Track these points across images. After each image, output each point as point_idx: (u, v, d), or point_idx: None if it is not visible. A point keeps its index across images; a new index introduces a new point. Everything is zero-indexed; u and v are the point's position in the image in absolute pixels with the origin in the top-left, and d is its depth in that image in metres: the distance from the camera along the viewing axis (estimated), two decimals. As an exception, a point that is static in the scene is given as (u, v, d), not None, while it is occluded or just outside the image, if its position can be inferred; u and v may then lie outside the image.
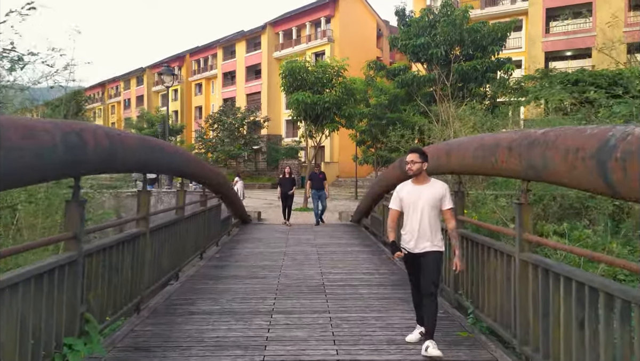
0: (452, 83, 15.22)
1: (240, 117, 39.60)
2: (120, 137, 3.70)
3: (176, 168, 5.68)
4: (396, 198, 4.08)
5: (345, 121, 18.81)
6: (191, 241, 6.93)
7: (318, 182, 12.94)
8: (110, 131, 3.63)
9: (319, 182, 12.95)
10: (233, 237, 10.66)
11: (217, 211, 9.05)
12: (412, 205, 3.90)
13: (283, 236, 10.87)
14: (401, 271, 6.87)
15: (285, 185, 12.89)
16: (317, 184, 12.91)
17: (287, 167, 13.23)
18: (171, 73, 14.32)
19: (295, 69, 17.32)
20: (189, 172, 6.34)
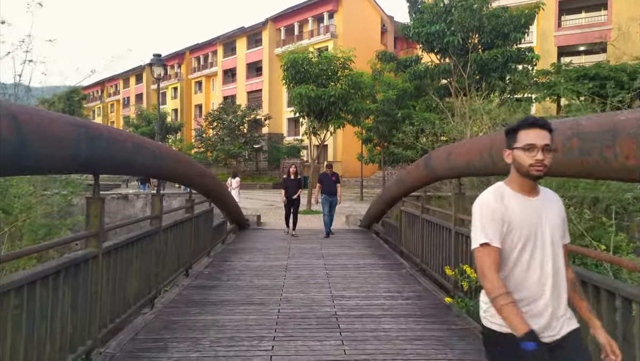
0: (469, 75, 13.95)
1: (241, 115, 38.33)
2: (41, 121, 2.44)
3: (145, 167, 4.40)
4: (496, 218, 1.86)
5: (351, 117, 17.51)
6: (172, 257, 5.67)
7: (330, 185, 10.61)
8: (24, 112, 2.35)
9: (332, 185, 10.60)
10: (228, 245, 9.39)
11: (207, 217, 7.78)
12: (532, 235, 1.87)
13: (285, 244, 9.60)
14: (428, 293, 5.60)
15: (290, 187, 10.77)
16: (329, 187, 10.61)
17: (293, 166, 11.04)
18: (161, 64, 13.08)
19: (297, 60, 16.04)
20: (166, 172, 5.06)
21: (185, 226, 6.28)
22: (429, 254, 6.31)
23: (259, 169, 42.49)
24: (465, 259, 4.83)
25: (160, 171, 4.66)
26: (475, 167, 4.25)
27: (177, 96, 61.33)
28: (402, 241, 8.06)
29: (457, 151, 4.62)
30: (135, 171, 4.58)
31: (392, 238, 9.18)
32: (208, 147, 39.57)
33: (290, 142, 41.95)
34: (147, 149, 4.09)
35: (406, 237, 7.78)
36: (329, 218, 10.77)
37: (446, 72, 14.20)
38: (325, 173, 10.78)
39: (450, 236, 5.30)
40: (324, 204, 10.72)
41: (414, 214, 7.12)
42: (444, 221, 5.73)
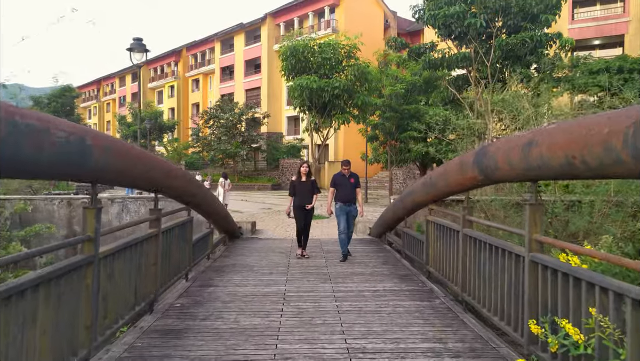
0: (492, 62, 12.34)
1: (238, 113, 36.70)
2: None
3: (79, 167, 2.77)
4: None
5: (357, 111, 15.90)
6: (120, 293, 4.03)
7: (348, 190, 7.95)
8: None
9: (350, 190, 7.96)
10: (214, 261, 7.75)
11: (184, 230, 6.14)
12: None
13: (283, 260, 7.96)
14: (483, 343, 3.96)
15: (301, 193, 8.02)
16: (347, 193, 7.94)
17: (305, 165, 8.25)
18: (142, 49, 11.46)
19: (298, 48, 14.42)
20: (108, 175, 3.43)
21: (146, 247, 4.64)
22: (477, 285, 4.67)
23: (258, 169, 40.90)
24: (554, 305, 3.20)
25: (89, 171, 3.01)
26: (588, 166, 2.62)
27: (174, 95, 59.76)
28: (431, 259, 6.42)
29: (547, 140, 2.98)
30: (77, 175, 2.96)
31: (413, 254, 7.53)
32: (204, 146, 37.95)
33: (289, 142, 40.37)
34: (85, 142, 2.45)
35: (437, 256, 6.14)
36: (346, 235, 7.93)
37: (466, 59, 12.60)
38: (341, 174, 8.01)
39: (520, 267, 3.67)
40: (339, 216, 7.94)
41: (450, 228, 5.49)
42: (507, 242, 4.09)
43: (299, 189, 8.04)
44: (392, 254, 8.61)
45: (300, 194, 8.04)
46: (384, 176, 37.16)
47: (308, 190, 8.06)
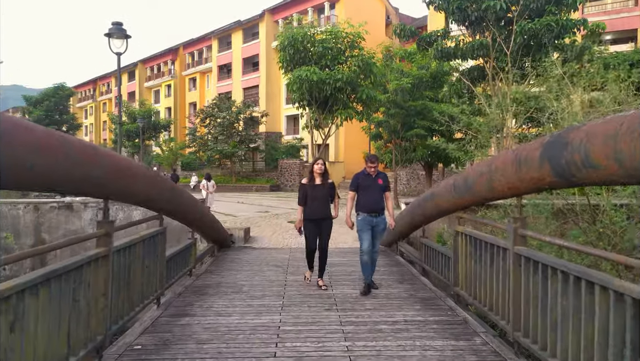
0: (512, 50, 11.12)
1: (236, 112, 35.44)
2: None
3: None
4: None
5: (361, 106, 14.68)
6: (40, 346, 2.79)
7: (375, 195, 5.81)
8: None
9: (377, 195, 5.83)
10: (197, 278, 6.51)
11: (153, 245, 4.89)
12: None
13: (279, 277, 6.72)
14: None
15: (316, 200, 5.96)
16: (373, 199, 5.80)
17: (319, 162, 6.10)
18: (123, 35, 10.21)
19: (296, 37, 13.19)
20: (30, 180, 2.21)
21: (88, 274, 3.39)
22: (540, 325, 3.42)
23: (256, 170, 39.66)
24: None
25: None
26: None
27: (171, 94, 58.56)
28: (461, 280, 5.18)
29: None
30: None
31: (436, 270, 6.29)
32: (200, 146, 36.70)
33: (289, 142, 39.13)
34: None
35: (470, 277, 4.90)
36: (369, 256, 5.78)
37: (483, 48, 11.39)
38: (365, 173, 5.83)
39: (627, 309, 2.44)
40: (362, 231, 5.77)
41: (494, 244, 4.25)
42: (602, 273, 2.85)
43: (312, 195, 5.92)
44: (407, 268, 7.37)
45: (313, 202, 5.91)
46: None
47: (324, 196, 5.94)
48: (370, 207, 5.77)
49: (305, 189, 6.00)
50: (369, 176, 5.85)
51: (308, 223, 5.97)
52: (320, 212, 5.94)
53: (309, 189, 5.97)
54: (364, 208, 5.77)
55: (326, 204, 5.98)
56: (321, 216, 5.95)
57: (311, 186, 5.98)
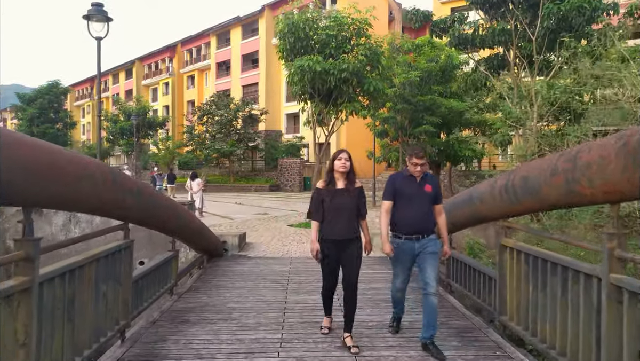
0: (537, 36, 9.98)
1: (234, 109, 34.29)
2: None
3: None
4: None
5: (368, 100, 13.55)
6: None
7: (421, 207, 3.94)
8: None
9: (425, 207, 3.96)
10: (179, 299, 5.38)
11: (111, 266, 3.74)
12: None
13: (279, 296, 5.57)
14: None
15: (337, 212, 3.95)
16: (418, 213, 3.93)
17: (343, 155, 4.01)
18: (103, 17, 9.08)
19: (297, 24, 12.06)
20: None
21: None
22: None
23: (255, 169, 38.53)
24: None
25: None
26: None
27: (169, 92, 57.43)
28: (511, 309, 4.04)
29: None
30: None
31: (471, 291, 5.14)
32: (197, 145, 35.54)
33: (289, 140, 37.99)
34: None
35: (527, 307, 3.76)
36: (403, 294, 4.25)
37: (504, 33, 10.26)
38: (407, 175, 4.00)
39: None
40: (397, 261, 4.05)
41: (570, 268, 3.11)
42: None
43: (332, 206, 3.95)
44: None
45: (334, 215, 3.94)
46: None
47: (349, 207, 3.96)
48: (413, 226, 3.88)
49: (322, 197, 3.97)
50: (412, 179, 3.92)
51: (327, 244, 3.96)
52: (344, 230, 3.91)
53: (327, 197, 3.94)
54: (403, 228, 3.90)
55: (352, 218, 3.97)
56: (345, 235, 3.92)
57: (330, 192, 3.95)
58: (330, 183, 4.00)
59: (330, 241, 3.96)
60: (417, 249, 3.91)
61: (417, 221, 3.90)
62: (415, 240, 3.90)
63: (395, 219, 3.96)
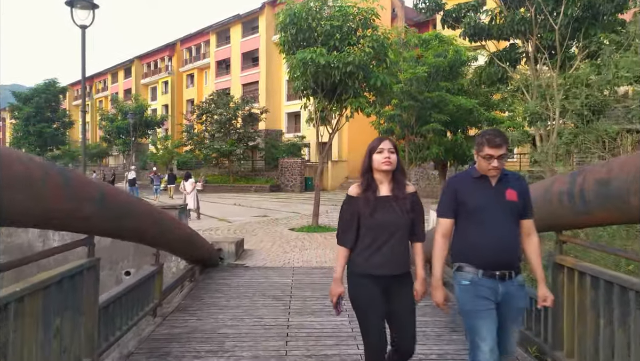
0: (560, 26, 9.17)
1: (234, 108, 33.50)
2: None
3: None
4: None
5: (374, 96, 12.76)
6: None
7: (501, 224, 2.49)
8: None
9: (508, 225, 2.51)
10: (161, 324, 4.58)
11: (71, 292, 2.95)
12: None
13: (280, 319, 4.76)
14: None
15: (384, 228, 2.57)
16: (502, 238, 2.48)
17: (387, 144, 2.61)
18: (89, 3, 8.30)
19: (300, 14, 11.27)
20: None
21: None
22: None
23: (255, 169, 37.75)
24: None
25: None
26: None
27: (168, 91, 56.68)
28: (572, 345, 3.23)
29: None
30: None
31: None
32: (196, 144, 34.77)
33: (290, 140, 37.24)
34: None
35: (595, 344, 2.95)
36: None
37: (524, 23, 9.46)
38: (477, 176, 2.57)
39: None
40: (473, 312, 2.50)
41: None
42: None
43: (371, 224, 2.59)
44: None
45: (375, 237, 2.59)
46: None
47: (398, 225, 2.60)
48: (492, 256, 2.49)
49: (357, 209, 2.61)
50: (485, 182, 2.55)
51: (363, 284, 2.60)
52: (391, 261, 2.58)
53: (365, 209, 2.58)
54: (477, 259, 2.51)
55: (404, 242, 2.63)
56: (394, 269, 2.59)
57: (369, 202, 2.59)
58: (369, 189, 2.59)
59: (369, 279, 2.54)
60: (501, 295, 2.47)
61: (499, 247, 2.45)
62: (499, 279, 2.47)
63: (459, 246, 2.56)
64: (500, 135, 2.50)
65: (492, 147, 2.45)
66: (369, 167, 2.64)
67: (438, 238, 2.60)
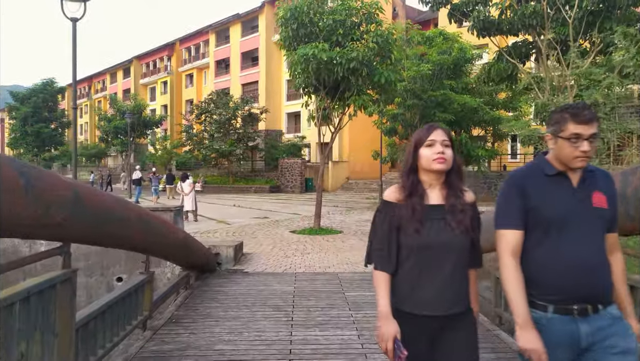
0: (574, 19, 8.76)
1: (233, 108, 33.09)
2: None
3: None
4: None
5: (378, 94, 12.35)
6: None
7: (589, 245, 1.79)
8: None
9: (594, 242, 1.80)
10: (150, 339, 4.16)
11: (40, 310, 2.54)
12: None
13: (281, 332, 4.33)
14: None
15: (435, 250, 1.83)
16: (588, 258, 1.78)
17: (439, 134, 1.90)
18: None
19: (301, 8, 10.86)
20: None
21: None
22: None
23: (255, 170, 37.34)
24: None
25: None
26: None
27: (167, 91, 56.32)
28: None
29: None
30: None
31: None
32: (195, 145, 34.36)
33: (290, 140, 36.85)
34: None
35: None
36: None
37: (535, 16, 9.06)
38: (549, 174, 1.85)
39: None
40: None
41: None
42: None
43: (419, 244, 1.84)
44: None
45: (424, 263, 1.85)
46: (394, 177, 33.46)
47: (454, 248, 1.85)
48: (570, 283, 1.78)
49: (397, 221, 1.88)
50: (563, 180, 1.85)
51: (405, 326, 1.82)
52: (443, 297, 1.85)
53: (410, 222, 1.85)
54: (551, 289, 1.80)
55: (460, 271, 1.90)
56: (448, 308, 1.85)
57: (414, 213, 1.86)
58: (414, 194, 1.89)
59: (411, 321, 1.84)
60: (585, 340, 1.77)
61: (583, 273, 1.77)
62: (578, 317, 1.77)
63: (530, 269, 1.83)
64: (588, 108, 1.80)
65: (580, 122, 1.74)
66: (412, 167, 1.93)
67: (506, 258, 1.81)
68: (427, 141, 1.89)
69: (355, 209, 18.67)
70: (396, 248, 1.87)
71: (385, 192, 1.99)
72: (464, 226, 1.84)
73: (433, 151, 1.86)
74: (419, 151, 1.90)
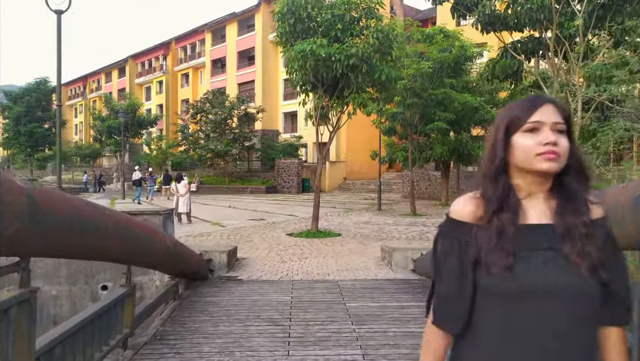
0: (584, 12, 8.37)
1: (229, 107, 32.63)
2: None
3: None
4: None
5: (378, 91, 11.95)
6: None
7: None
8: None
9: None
10: (134, 357, 3.74)
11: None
12: None
13: (278, 351, 3.89)
14: None
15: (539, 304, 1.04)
16: None
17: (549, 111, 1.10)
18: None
19: (299, 2, 10.43)
20: None
21: None
22: None
23: (251, 170, 36.88)
24: None
25: None
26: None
27: (163, 91, 55.82)
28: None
29: None
30: None
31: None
32: (191, 144, 33.88)
33: (286, 140, 36.44)
34: None
35: None
36: None
37: (543, 10, 8.66)
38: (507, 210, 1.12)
39: None
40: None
41: None
42: None
43: (507, 285, 1.06)
44: None
45: (516, 314, 1.06)
46: (391, 177, 33.16)
47: (570, 294, 1.05)
48: None
49: (475, 252, 1.11)
50: None
51: None
52: None
53: (494, 253, 1.08)
54: None
55: (584, 332, 1.07)
56: None
57: (505, 240, 1.09)
58: (504, 209, 1.13)
59: None
60: None
61: None
62: None
63: None
64: None
65: None
66: (500, 167, 1.16)
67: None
68: (527, 124, 1.11)
69: (354, 210, 18.26)
70: (471, 294, 1.10)
71: (454, 204, 1.20)
72: (591, 260, 1.07)
73: (538, 140, 1.10)
74: (511, 139, 1.14)
